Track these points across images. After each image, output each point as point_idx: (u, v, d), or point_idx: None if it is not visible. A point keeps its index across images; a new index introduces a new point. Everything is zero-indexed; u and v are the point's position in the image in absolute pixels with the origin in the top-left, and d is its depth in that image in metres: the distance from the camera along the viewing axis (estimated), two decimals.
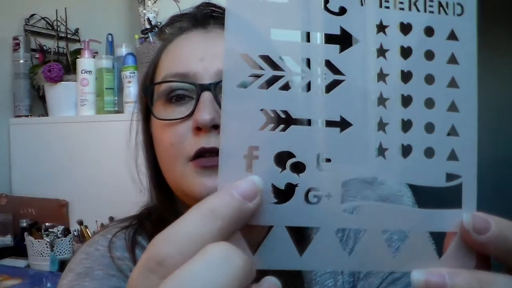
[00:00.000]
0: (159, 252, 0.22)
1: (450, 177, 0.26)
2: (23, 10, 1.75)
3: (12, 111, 1.72)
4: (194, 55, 0.55)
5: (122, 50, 1.64)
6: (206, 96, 0.52)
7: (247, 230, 0.24)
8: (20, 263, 1.47)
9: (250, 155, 0.24)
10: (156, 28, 1.52)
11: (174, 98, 0.55)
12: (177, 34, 0.60)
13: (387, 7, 0.26)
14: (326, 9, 0.26)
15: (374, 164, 0.26)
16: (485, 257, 0.25)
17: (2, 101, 1.71)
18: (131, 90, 1.51)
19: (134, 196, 0.66)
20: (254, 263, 0.23)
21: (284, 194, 0.25)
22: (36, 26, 1.78)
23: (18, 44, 1.70)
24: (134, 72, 1.51)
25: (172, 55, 0.58)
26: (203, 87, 0.52)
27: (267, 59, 0.25)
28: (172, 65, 0.56)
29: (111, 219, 1.42)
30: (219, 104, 0.51)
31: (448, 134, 0.26)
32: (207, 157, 0.52)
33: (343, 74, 0.26)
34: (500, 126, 3.87)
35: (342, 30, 0.26)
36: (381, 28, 0.26)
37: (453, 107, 0.26)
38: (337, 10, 0.26)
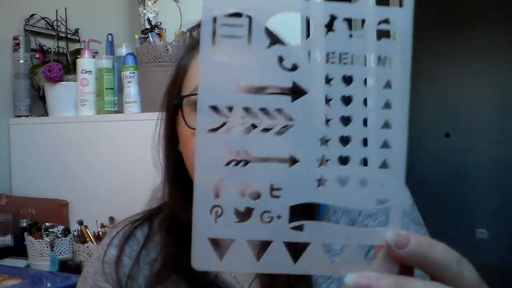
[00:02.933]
0: None
1: (380, 201, 0.32)
2: (23, 10, 1.74)
3: (12, 111, 1.72)
4: None
5: (122, 50, 1.64)
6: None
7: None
8: (20, 263, 1.47)
9: (217, 185, 0.31)
10: (156, 28, 1.52)
11: None
12: None
13: (333, 62, 0.31)
14: (281, 66, 0.31)
15: (316, 192, 0.32)
16: (408, 265, 0.31)
17: (2, 101, 1.71)
18: (131, 90, 1.51)
19: (134, 196, 0.67)
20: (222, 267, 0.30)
21: (244, 215, 0.31)
22: (36, 26, 1.77)
23: (18, 44, 1.70)
24: (134, 72, 1.51)
25: None
26: None
27: (232, 109, 0.31)
28: None
29: (111, 219, 1.42)
30: None
31: (380, 167, 0.32)
32: None
33: (293, 120, 0.31)
34: (501, 126, 3.86)
35: (294, 83, 0.31)
36: (327, 80, 0.31)
37: (385, 145, 0.32)
38: (290, 67, 0.31)
